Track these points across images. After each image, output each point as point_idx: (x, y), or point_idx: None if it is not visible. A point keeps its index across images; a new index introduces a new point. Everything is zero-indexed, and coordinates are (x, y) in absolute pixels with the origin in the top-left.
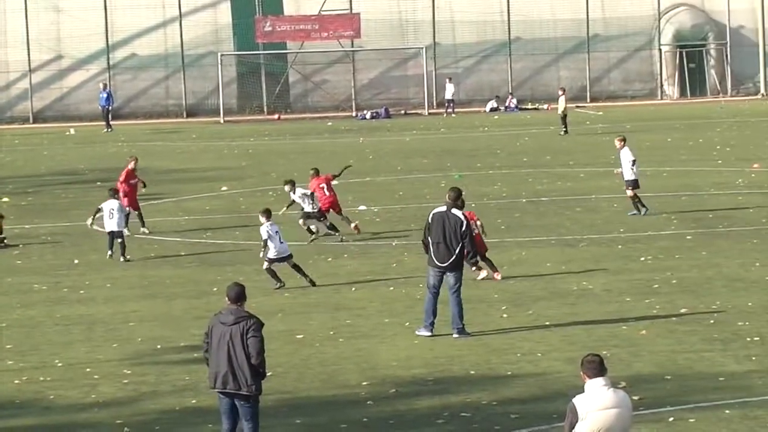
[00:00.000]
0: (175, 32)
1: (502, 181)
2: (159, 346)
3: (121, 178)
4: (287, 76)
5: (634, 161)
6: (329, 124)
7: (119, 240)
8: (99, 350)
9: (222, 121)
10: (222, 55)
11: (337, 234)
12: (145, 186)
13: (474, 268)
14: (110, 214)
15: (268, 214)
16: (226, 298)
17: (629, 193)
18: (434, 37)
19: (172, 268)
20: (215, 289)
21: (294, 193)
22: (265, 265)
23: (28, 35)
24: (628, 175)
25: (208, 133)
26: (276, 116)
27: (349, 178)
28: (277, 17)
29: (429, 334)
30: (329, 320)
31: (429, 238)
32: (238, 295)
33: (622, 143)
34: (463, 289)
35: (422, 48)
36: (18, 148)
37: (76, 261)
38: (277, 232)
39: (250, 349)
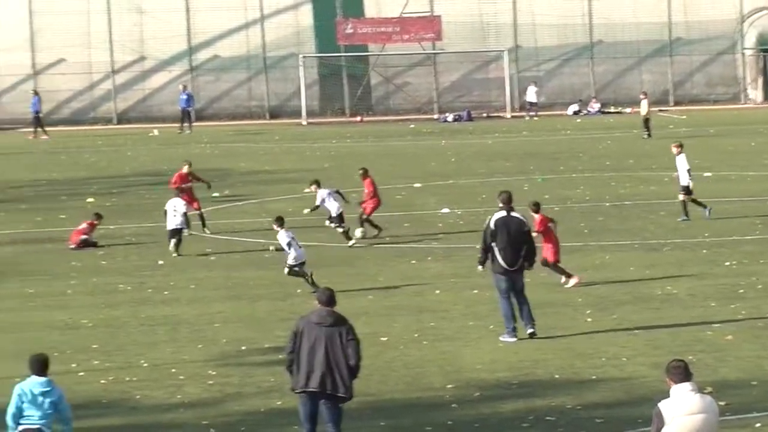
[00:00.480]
0: (256, 34)
1: (585, 185)
2: (244, 348)
3: (173, 181)
4: (369, 79)
5: (689, 170)
6: (411, 126)
7: (177, 237)
8: (184, 351)
9: (304, 123)
10: (303, 57)
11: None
12: (209, 186)
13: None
14: (173, 212)
15: (281, 221)
16: (317, 302)
17: (681, 197)
18: (515, 40)
19: (256, 269)
20: (299, 290)
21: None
22: (286, 270)
23: (111, 37)
24: (684, 180)
25: (290, 135)
26: (358, 118)
27: (432, 181)
28: (358, 19)
29: (514, 339)
30: (413, 323)
31: (493, 244)
32: (330, 299)
33: (679, 149)
34: (547, 294)
35: (504, 51)
36: (102, 149)
37: (160, 262)
38: (293, 238)
39: (350, 352)
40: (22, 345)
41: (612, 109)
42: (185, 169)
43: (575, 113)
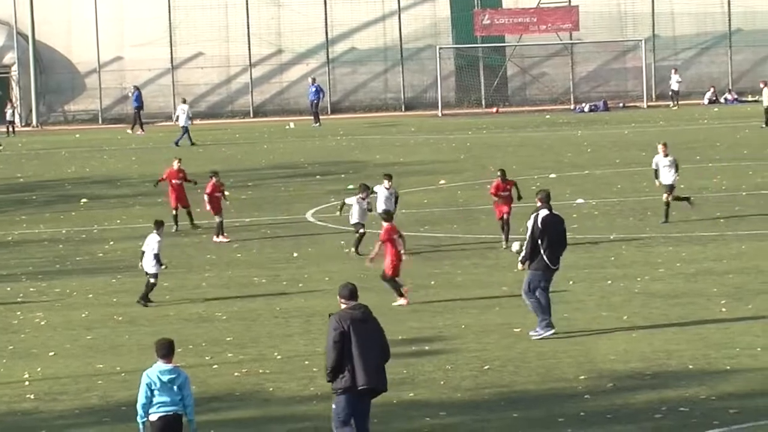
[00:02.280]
0: (393, 26)
1: (722, 174)
2: None
3: (164, 176)
4: (505, 69)
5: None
6: (547, 117)
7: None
8: (317, 343)
9: (440, 115)
10: (440, 49)
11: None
12: (195, 183)
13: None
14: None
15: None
16: (341, 297)
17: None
18: (653, 29)
19: None
20: (432, 282)
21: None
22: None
23: (249, 30)
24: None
25: (426, 127)
26: (494, 109)
27: (567, 171)
28: (495, 10)
29: (552, 331)
30: None
31: (540, 243)
32: (353, 293)
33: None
34: (682, 282)
35: (641, 40)
36: (239, 141)
37: (295, 254)
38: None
39: (386, 346)
40: (157, 338)
41: (750, 98)
42: (175, 165)
43: (712, 102)
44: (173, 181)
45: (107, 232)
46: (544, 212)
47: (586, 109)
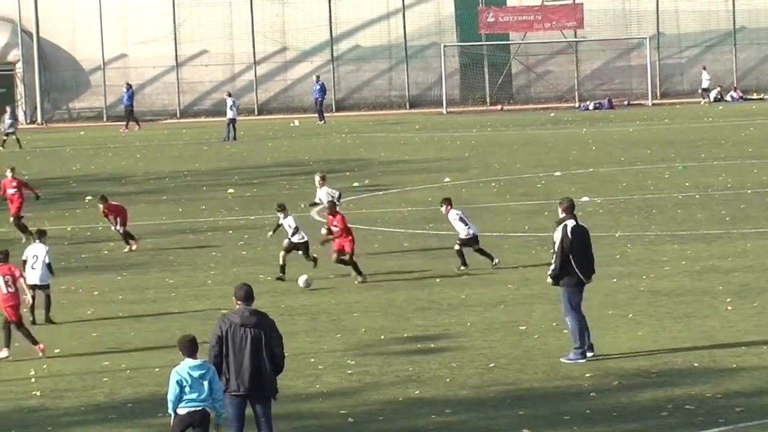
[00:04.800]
0: (398, 23)
1: (727, 172)
2: (382, 337)
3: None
4: (510, 67)
5: None
6: (552, 114)
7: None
8: (323, 340)
9: (445, 113)
10: (445, 47)
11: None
12: (38, 198)
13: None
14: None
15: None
16: (236, 298)
17: None
18: (658, 27)
19: (394, 259)
20: (438, 280)
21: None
22: (456, 247)
23: (253, 27)
24: None
25: (430, 124)
26: (499, 107)
27: (572, 169)
28: (500, 8)
29: (583, 360)
30: (552, 311)
31: (572, 255)
32: (248, 295)
33: None
34: (688, 280)
35: (646, 38)
36: (243, 139)
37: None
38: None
39: (276, 355)
40: (162, 335)
41: (755, 96)
42: (9, 175)
43: (717, 100)
44: (8, 191)
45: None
46: (570, 222)
47: (591, 107)
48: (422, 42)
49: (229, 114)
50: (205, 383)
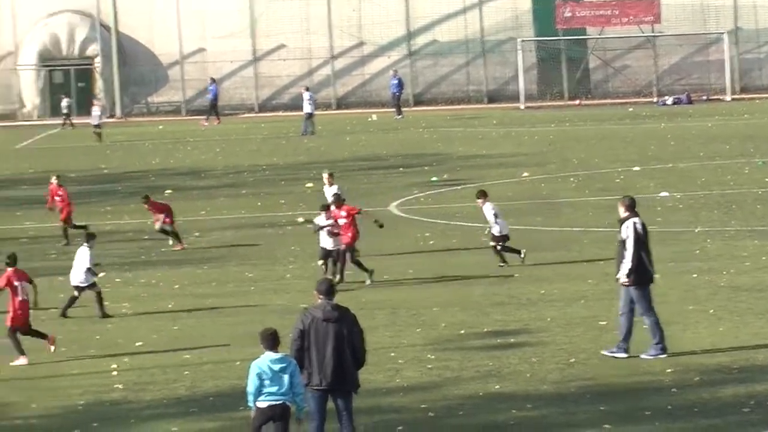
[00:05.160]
0: (475, 18)
1: None
2: (462, 331)
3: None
4: (587, 62)
5: None
6: (630, 110)
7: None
8: (403, 335)
9: (522, 107)
10: (522, 41)
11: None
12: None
13: None
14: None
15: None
16: (317, 293)
17: None
18: (736, 21)
19: (473, 253)
20: (516, 275)
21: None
22: (492, 244)
23: (330, 22)
24: None
25: (508, 119)
26: (576, 102)
27: (651, 164)
28: (577, 3)
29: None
30: None
31: (643, 252)
32: (330, 290)
33: None
34: (761, 273)
35: (724, 33)
36: (322, 133)
37: (380, 247)
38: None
39: (358, 349)
40: (242, 328)
41: None
42: (55, 182)
43: None
44: (56, 198)
45: (192, 223)
46: (636, 220)
47: (670, 101)
48: (499, 37)
49: (307, 108)
50: (286, 377)
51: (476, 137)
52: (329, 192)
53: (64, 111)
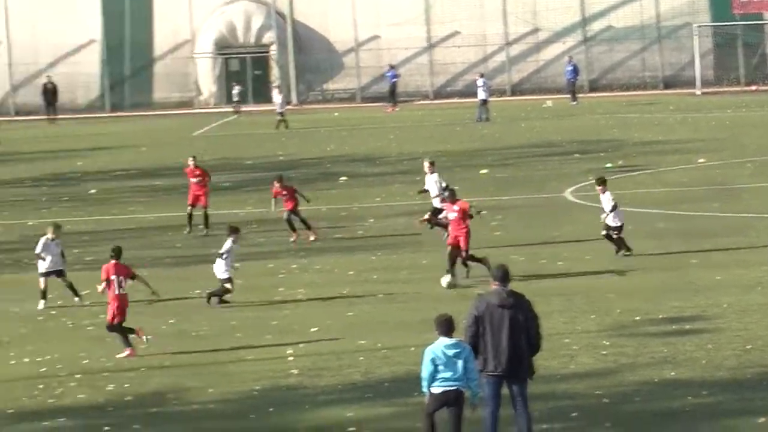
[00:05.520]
0: (650, 4)
1: None
2: (637, 318)
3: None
4: (764, 48)
5: None
6: None
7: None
8: (577, 321)
9: (698, 93)
10: (698, 27)
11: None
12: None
13: None
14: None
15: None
16: (493, 279)
17: None
18: None
19: (649, 239)
20: (693, 261)
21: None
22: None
23: (505, 9)
24: None
25: (684, 105)
26: (753, 87)
27: None
28: None
29: None
30: None
31: None
32: (505, 276)
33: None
34: None
35: None
36: (496, 120)
37: (555, 233)
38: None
39: (534, 335)
40: (416, 314)
41: None
42: (191, 164)
43: None
44: (191, 180)
45: (366, 209)
46: None
47: None
48: (675, 22)
49: (481, 95)
50: (460, 362)
51: (652, 123)
52: (430, 180)
53: (235, 99)
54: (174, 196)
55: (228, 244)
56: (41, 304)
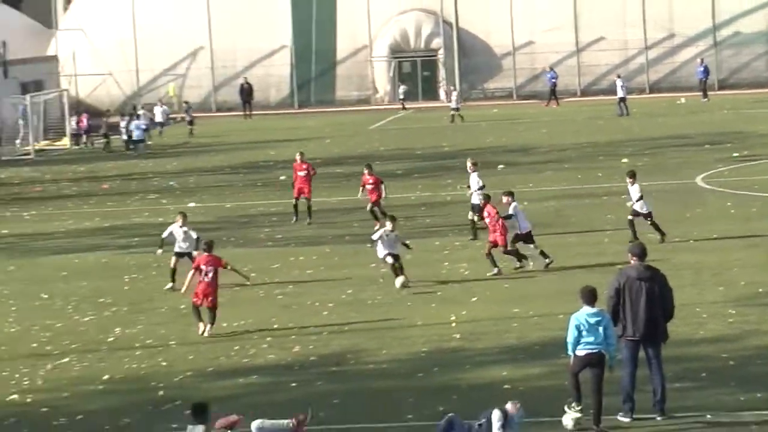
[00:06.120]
0: None
1: None
2: (760, 290)
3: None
4: None
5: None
6: None
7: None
8: (706, 292)
9: None
10: None
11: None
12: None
13: None
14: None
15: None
16: (631, 254)
17: None
18: None
19: None
20: None
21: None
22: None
23: (644, 16)
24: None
25: None
26: None
27: None
28: None
29: None
30: None
31: None
32: (643, 252)
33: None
34: None
35: None
36: (636, 115)
37: (687, 215)
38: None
39: (668, 305)
40: (565, 286)
41: None
42: (299, 158)
43: None
44: (298, 173)
45: (521, 194)
46: None
47: None
48: None
49: (620, 93)
50: (600, 329)
51: None
52: (472, 179)
53: (401, 97)
54: (353, 182)
55: (380, 233)
56: (169, 285)
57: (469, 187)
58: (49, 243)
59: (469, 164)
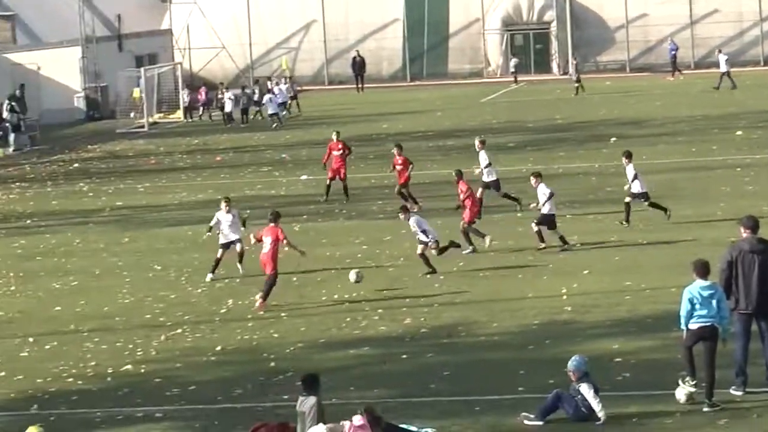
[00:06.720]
0: None
1: None
2: None
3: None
4: None
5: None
6: None
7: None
8: None
9: None
10: None
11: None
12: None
13: None
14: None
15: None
16: (743, 227)
17: None
18: None
19: None
20: None
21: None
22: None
23: None
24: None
25: None
26: None
27: None
28: None
29: None
30: None
31: None
32: (755, 225)
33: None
34: None
35: None
36: (750, 88)
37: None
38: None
39: None
40: (677, 258)
41: None
42: (335, 138)
43: None
44: (333, 153)
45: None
46: None
47: None
48: None
49: (723, 68)
50: (714, 302)
51: None
52: (481, 156)
53: (512, 70)
54: (464, 155)
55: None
56: (209, 276)
57: (479, 165)
58: (163, 215)
59: (477, 142)
